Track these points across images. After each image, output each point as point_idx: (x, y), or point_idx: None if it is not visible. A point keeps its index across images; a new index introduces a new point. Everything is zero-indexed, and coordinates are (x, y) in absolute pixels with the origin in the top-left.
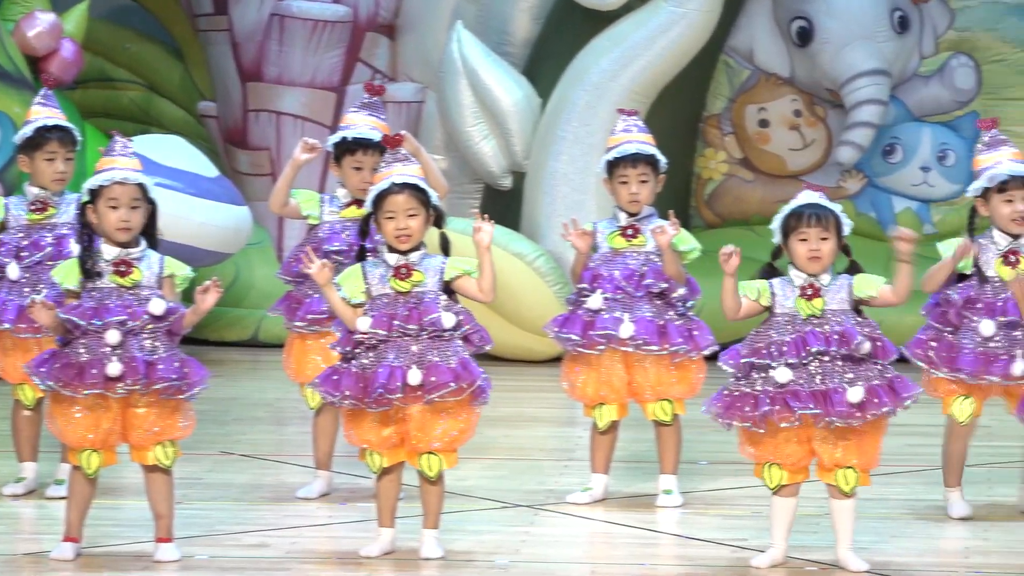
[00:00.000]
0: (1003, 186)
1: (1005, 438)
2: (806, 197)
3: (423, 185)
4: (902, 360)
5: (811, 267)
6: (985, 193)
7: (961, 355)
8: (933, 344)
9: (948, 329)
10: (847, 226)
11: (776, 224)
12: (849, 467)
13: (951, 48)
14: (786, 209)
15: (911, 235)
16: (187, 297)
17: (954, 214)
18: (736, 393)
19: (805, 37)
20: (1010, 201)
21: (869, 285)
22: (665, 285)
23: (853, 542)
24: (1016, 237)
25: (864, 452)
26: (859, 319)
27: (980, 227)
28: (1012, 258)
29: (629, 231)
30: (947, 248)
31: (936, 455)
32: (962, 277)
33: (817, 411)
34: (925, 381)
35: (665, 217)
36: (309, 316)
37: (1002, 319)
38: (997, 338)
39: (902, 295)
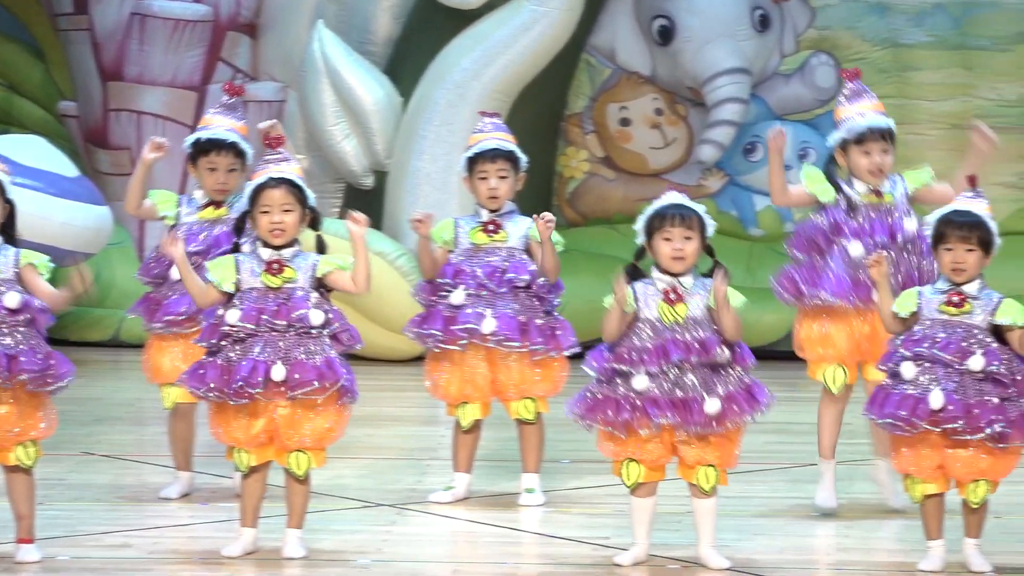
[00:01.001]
0: (861, 138)
1: (866, 436)
2: (670, 197)
3: (300, 183)
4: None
5: (675, 267)
6: (844, 144)
7: (824, 277)
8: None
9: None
10: (711, 227)
11: (640, 224)
12: (709, 466)
13: (812, 46)
14: (650, 209)
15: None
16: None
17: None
18: (599, 396)
19: (666, 36)
20: (867, 153)
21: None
22: (527, 278)
23: (715, 539)
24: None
25: (724, 451)
26: (717, 326)
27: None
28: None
29: (491, 227)
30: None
31: (798, 453)
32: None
33: (675, 420)
34: (798, 340)
35: (527, 214)
36: (167, 317)
37: (871, 241)
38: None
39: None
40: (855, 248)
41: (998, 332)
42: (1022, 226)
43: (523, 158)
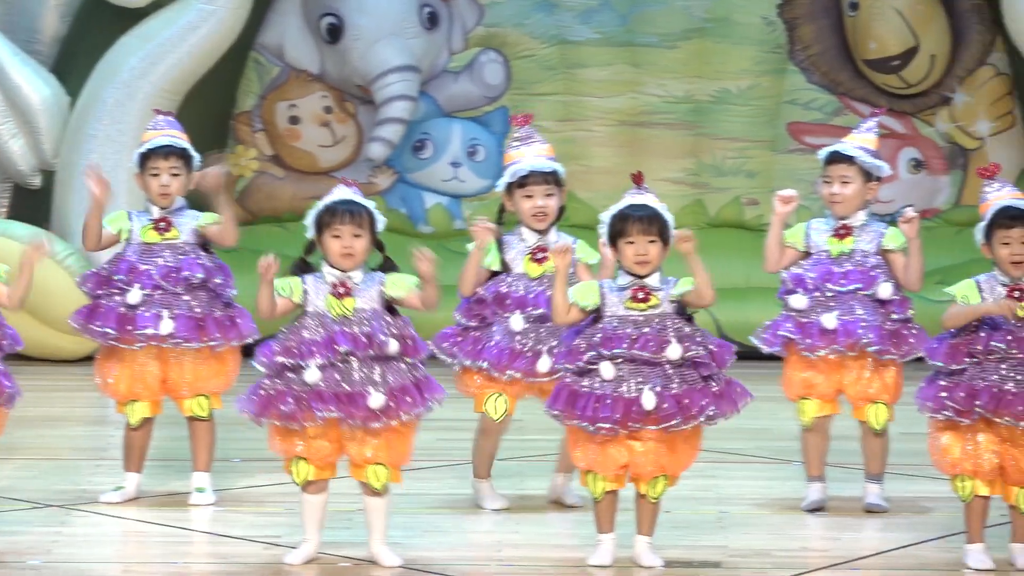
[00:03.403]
0: (523, 181)
1: (536, 432)
2: (341, 193)
3: None
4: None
5: (345, 263)
6: (510, 188)
7: (486, 348)
8: (459, 339)
9: (475, 324)
10: (381, 222)
11: (310, 219)
12: (379, 464)
13: (480, 44)
14: (320, 204)
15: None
16: None
17: (484, 209)
18: (271, 392)
19: (335, 34)
20: (530, 197)
21: (399, 286)
22: (202, 275)
23: (387, 537)
24: (542, 232)
25: (394, 449)
26: (388, 318)
27: (509, 222)
28: (539, 255)
29: (161, 224)
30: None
31: (468, 450)
32: (494, 274)
33: (338, 414)
34: (456, 377)
35: (199, 209)
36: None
37: (533, 312)
38: (528, 333)
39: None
40: (516, 322)
41: (683, 311)
42: (690, 221)
43: (196, 156)
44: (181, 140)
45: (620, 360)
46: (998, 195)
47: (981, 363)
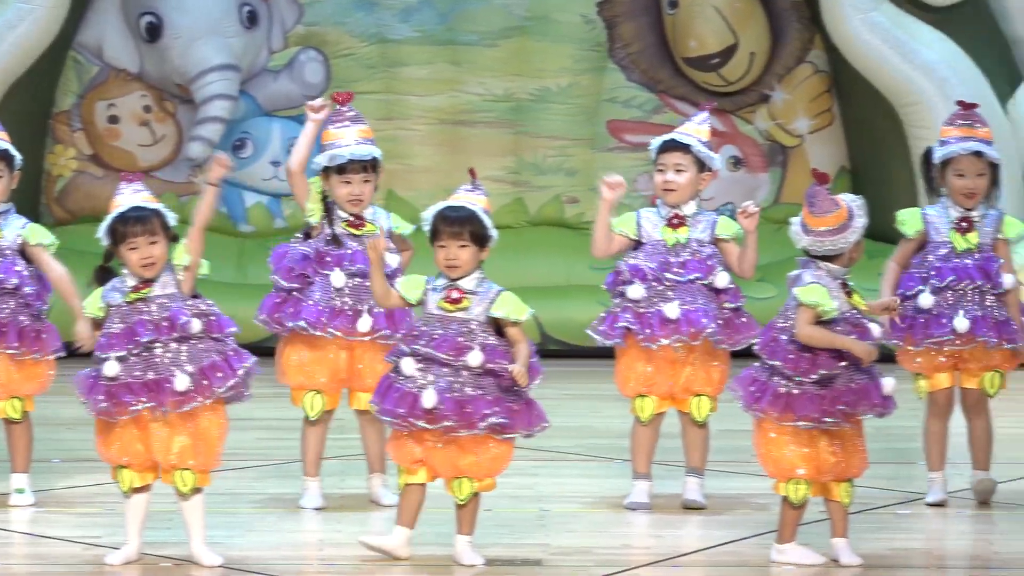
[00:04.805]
0: (342, 167)
1: (356, 430)
2: (127, 197)
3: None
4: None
5: (147, 273)
6: (327, 170)
7: (304, 307)
8: (276, 301)
9: (297, 286)
10: (172, 218)
11: (102, 231)
12: (186, 469)
13: (300, 42)
14: (113, 214)
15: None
16: None
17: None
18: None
19: (154, 33)
20: (348, 183)
21: (179, 257)
22: (16, 282)
23: (207, 536)
24: (356, 216)
25: (200, 453)
26: (190, 301)
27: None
28: (356, 221)
29: None
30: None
31: (289, 449)
32: (307, 236)
33: (150, 404)
34: (277, 368)
35: (23, 213)
36: None
37: (351, 267)
38: (346, 291)
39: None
40: (336, 278)
41: (497, 325)
42: (509, 220)
43: (18, 156)
44: (3, 141)
45: (420, 357)
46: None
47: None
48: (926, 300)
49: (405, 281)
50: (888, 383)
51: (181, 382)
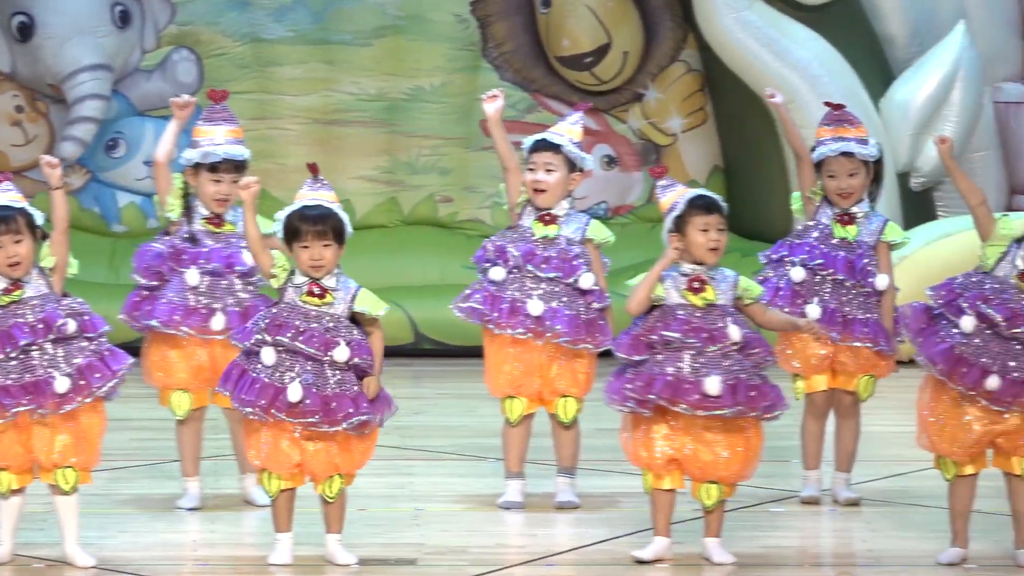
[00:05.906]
0: (215, 166)
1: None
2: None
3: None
4: None
5: (14, 273)
6: (197, 166)
7: (157, 306)
8: (136, 299)
9: (155, 283)
10: (39, 217)
11: None
12: (68, 467)
13: (173, 42)
14: None
15: None
16: None
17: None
18: None
19: (26, 32)
20: (217, 182)
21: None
22: None
23: (80, 537)
24: (219, 215)
25: (82, 451)
26: (63, 302)
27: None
28: (216, 219)
29: None
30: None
31: (165, 449)
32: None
33: (29, 406)
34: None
35: None
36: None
37: (207, 266)
38: (202, 289)
39: None
40: (191, 276)
41: (357, 321)
42: (383, 220)
43: None
44: None
45: (282, 349)
46: (674, 191)
47: (661, 353)
48: (797, 274)
49: (279, 254)
50: (712, 383)
51: (61, 384)
